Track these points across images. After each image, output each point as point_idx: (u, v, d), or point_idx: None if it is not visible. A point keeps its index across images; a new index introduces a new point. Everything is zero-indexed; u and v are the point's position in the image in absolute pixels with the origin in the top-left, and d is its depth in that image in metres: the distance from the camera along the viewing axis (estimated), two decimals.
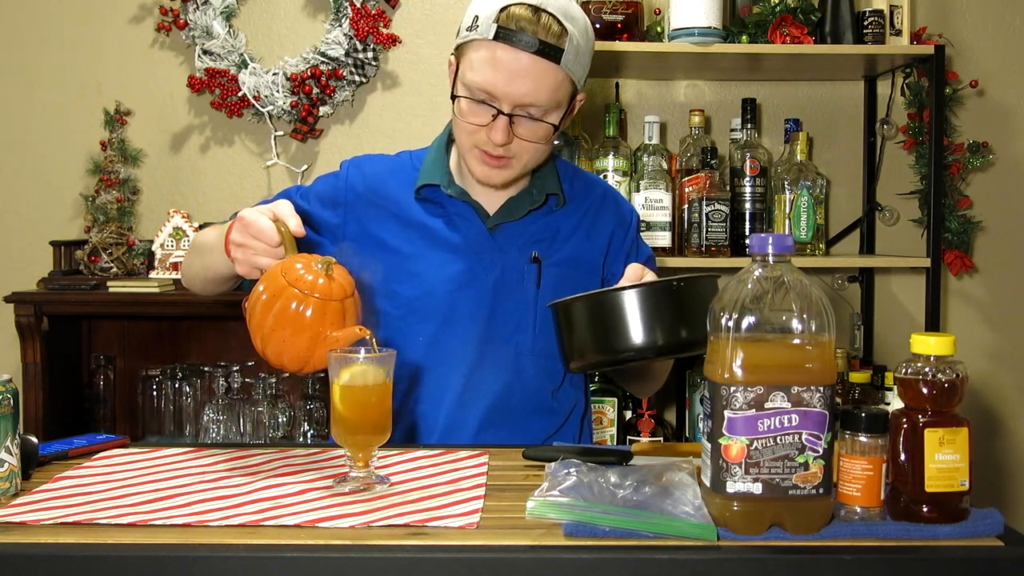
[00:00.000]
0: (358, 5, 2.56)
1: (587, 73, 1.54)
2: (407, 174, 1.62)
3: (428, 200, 1.60)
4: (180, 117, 2.68)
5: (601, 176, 2.38)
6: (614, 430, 2.28)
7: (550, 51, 1.43)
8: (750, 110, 2.46)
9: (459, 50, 1.51)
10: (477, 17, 1.46)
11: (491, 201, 1.61)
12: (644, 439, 2.26)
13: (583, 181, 1.71)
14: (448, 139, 1.64)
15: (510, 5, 1.43)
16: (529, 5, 1.43)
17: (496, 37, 1.42)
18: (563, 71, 1.45)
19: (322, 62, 2.57)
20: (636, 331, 1.27)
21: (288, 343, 1.25)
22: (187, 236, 2.48)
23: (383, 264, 1.58)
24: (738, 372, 1.02)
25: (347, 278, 1.29)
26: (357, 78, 2.60)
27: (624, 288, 1.31)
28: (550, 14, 1.43)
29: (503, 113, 1.46)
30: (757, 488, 1.02)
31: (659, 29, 2.41)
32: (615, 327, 1.28)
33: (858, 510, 1.08)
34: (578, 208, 1.66)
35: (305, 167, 2.66)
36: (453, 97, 1.52)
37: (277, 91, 2.56)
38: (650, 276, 1.41)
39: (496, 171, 1.53)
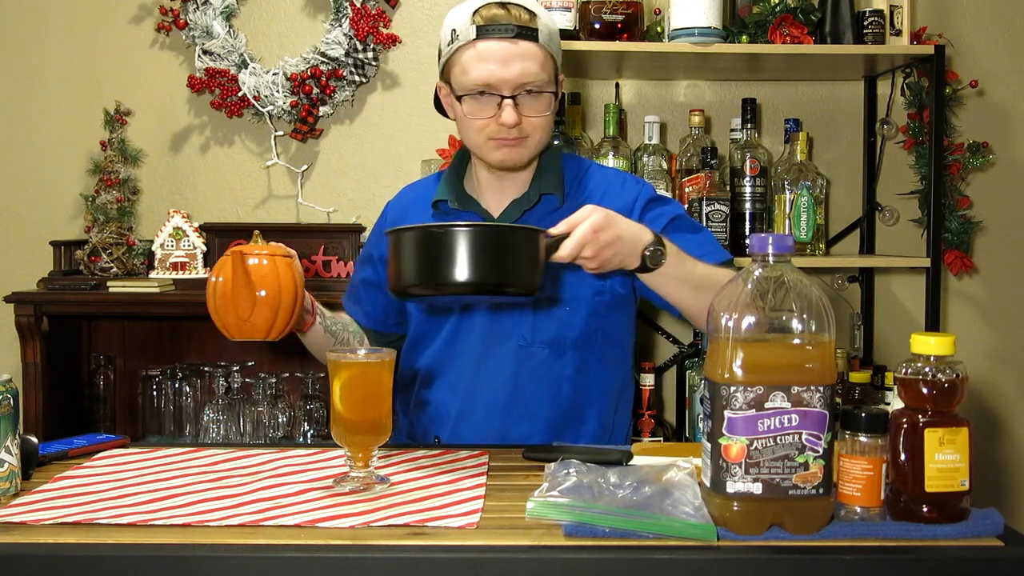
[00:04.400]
0: (358, 5, 2.56)
1: (561, 60, 1.69)
2: (426, 195, 1.77)
3: (443, 213, 1.73)
4: (180, 117, 2.68)
5: None
6: None
7: (527, 32, 1.59)
8: (750, 110, 2.46)
9: (446, 68, 1.66)
10: (454, 30, 1.62)
11: (498, 205, 1.72)
12: (644, 439, 2.26)
13: (591, 178, 1.77)
14: (460, 161, 1.79)
15: (479, 8, 1.59)
16: (496, 3, 1.60)
17: (478, 36, 1.58)
18: (543, 49, 1.61)
19: (322, 62, 2.56)
20: (440, 267, 1.31)
21: (230, 300, 1.39)
22: (187, 236, 2.48)
23: None
24: (738, 372, 1.02)
25: (280, 248, 1.43)
26: (357, 78, 2.60)
27: (432, 227, 1.36)
28: (516, 5, 1.60)
29: (506, 97, 1.59)
30: (757, 488, 1.02)
31: (659, 29, 2.41)
32: (414, 260, 1.34)
33: (858, 510, 1.08)
34: (590, 201, 1.68)
35: (305, 167, 2.66)
36: (439, 108, 1.72)
37: (277, 91, 2.56)
38: (583, 226, 1.41)
39: (515, 150, 1.64)
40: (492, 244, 1.31)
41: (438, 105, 1.76)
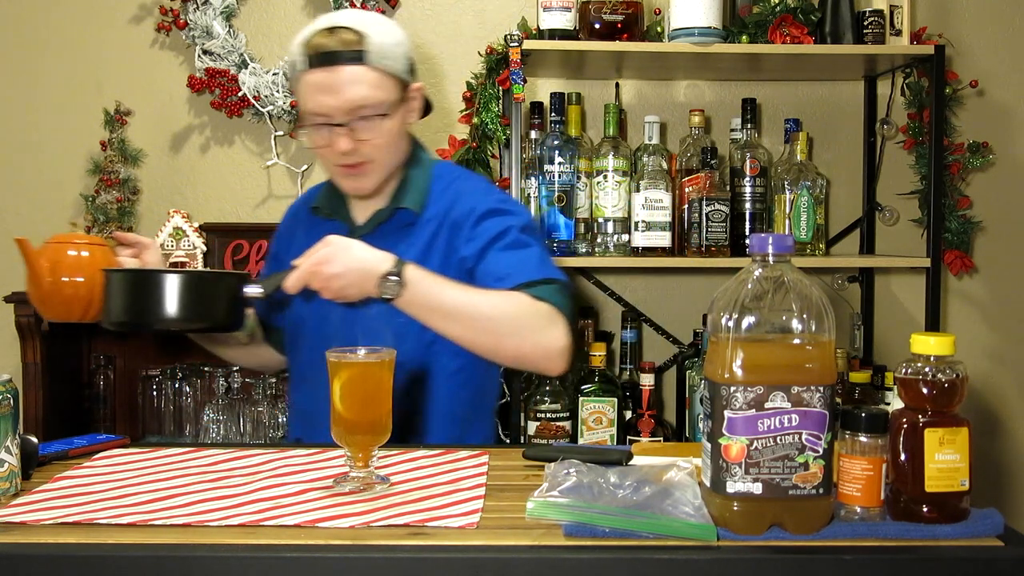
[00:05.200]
0: (358, 5, 2.56)
1: (407, 64, 1.66)
2: (306, 204, 1.83)
3: (314, 223, 1.78)
4: (180, 117, 2.68)
5: (601, 176, 2.39)
6: (614, 430, 2.28)
7: (351, 56, 1.58)
8: (750, 110, 2.46)
9: (295, 92, 1.67)
10: (292, 63, 1.63)
11: (363, 215, 1.74)
12: (644, 439, 2.26)
13: (451, 188, 1.73)
14: None
15: (309, 36, 1.61)
16: (324, 29, 1.60)
17: (308, 66, 1.60)
18: (373, 69, 1.59)
19: None
20: (132, 306, 1.48)
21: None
22: (187, 236, 2.48)
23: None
24: (738, 372, 1.02)
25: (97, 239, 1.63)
26: None
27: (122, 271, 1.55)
28: (343, 28, 1.60)
29: (337, 125, 1.60)
30: (757, 488, 1.02)
31: (659, 29, 2.41)
32: (118, 300, 1.49)
33: (858, 510, 1.08)
34: (437, 221, 1.70)
35: (305, 167, 2.66)
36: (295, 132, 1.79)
37: (277, 91, 2.56)
38: (308, 261, 1.50)
39: (359, 179, 1.66)
40: (190, 288, 1.45)
41: None
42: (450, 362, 1.67)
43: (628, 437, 2.29)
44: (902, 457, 1.07)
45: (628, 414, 2.33)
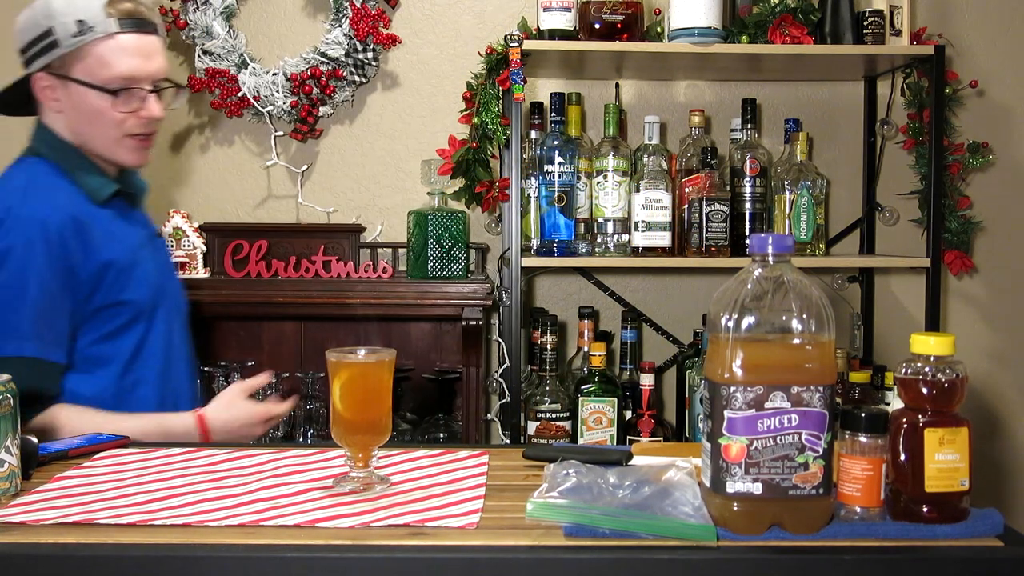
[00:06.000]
0: (358, 5, 2.56)
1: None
2: (80, 197, 1.65)
3: (109, 207, 1.69)
4: (180, 117, 2.68)
5: (601, 176, 2.39)
6: (614, 430, 2.28)
7: (155, 27, 1.68)
8: (750, 110, 2.46)
9: (64, 62, 1.60)
10: (82, 21, 1.58)
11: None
12: (644, 439, 2.26)
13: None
14: (77, 155, 1.68)
15: (111, 1, 1.61)
16: None
17: (120, 28, 1.60)
18: (164, 44, 1.71)
19: (322, 62, 2.56)
20: None
21: None
22: (187, 236, 2.48)
23: (114, 280, 1.65)
24: (738, 372, 1.02)
25: None
26: (357, 78, 2.60)
27: None
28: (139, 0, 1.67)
29: (150, 91, 1.65)
30: (757, 488, 1.02)
31: (659, 29, 2.41)
32: None
33: (858, 510, 1.08)
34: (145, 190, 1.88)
35: (305, 167, 2.66)
36: (32, 112, 1.71)
37: (277, 91, 2.56)
38: None
39: (147, 151, 1.72)
40: None
41: (12, 100, 1.72)
42: None
43: (628, 437, 2.29)
44: (902, 457, 1.06)
45: (628, 414, 2.33)
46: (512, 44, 2.25)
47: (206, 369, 2.49)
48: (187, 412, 1.66)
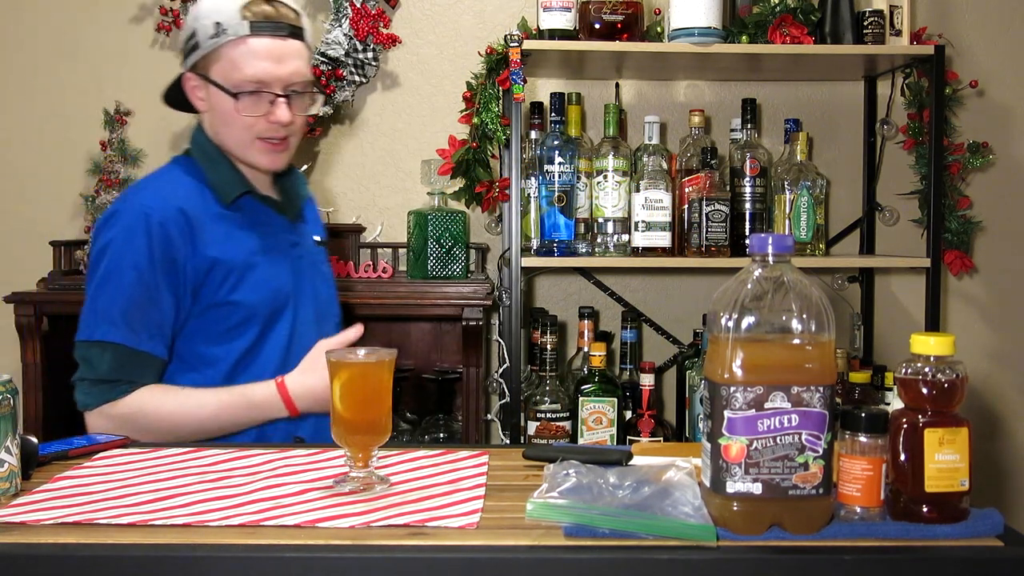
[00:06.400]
0: (358, 5, 2.56)
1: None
2: (206, 194, 1.66)
3: (239, 209, 1.69)
4: (180, 117, 2.66)
5: (601, 176, 2.39)
6: (614, 430, 2.28)
7: (297, 31, 1.64)
8: (750, 110, 2.46)
9: (205, 62, 1.63)
10: (219, 23, 1.59)
11: (273, 197, 1.76)
12: (644, 439, 2.26)
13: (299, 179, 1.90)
14: (218, 154, 1.70)
15: (247, 3, 1.59)
16: (264, 0, 1.61)
17: (252, 32, 1.58)
18: (307, 48, 1.67)
19: (322, 62, 2.56)
20: None
21: None
22: None
23: (223, 279, 1.63)
24: (738, 372, 1.02)
25: None
26: (357, 78, 2.60)
27: None
28: (281, 2, 1.64)
29: (280, 95, 1.61)
30: (757, 488, 1.02)
31: (659, 29, 2.41)
32: None
33: (858, 510, 1.08)
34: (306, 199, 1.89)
35: (305, 167, 2.66)
36: (177, 106, 1.74)
37: None
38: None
39: (280, 155, 1.68)
40: None
41: (173, 98, 1.75)
42: None
43: (628, 437, 2.29)
44: (902, 457, 1.06)
45: (628, 414, 2.33)
46: (512, 44, 2.25)
47: None
48: (269, 380, 1.60)
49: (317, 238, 1.84)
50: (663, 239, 2.34)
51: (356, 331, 1.64)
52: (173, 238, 1.58)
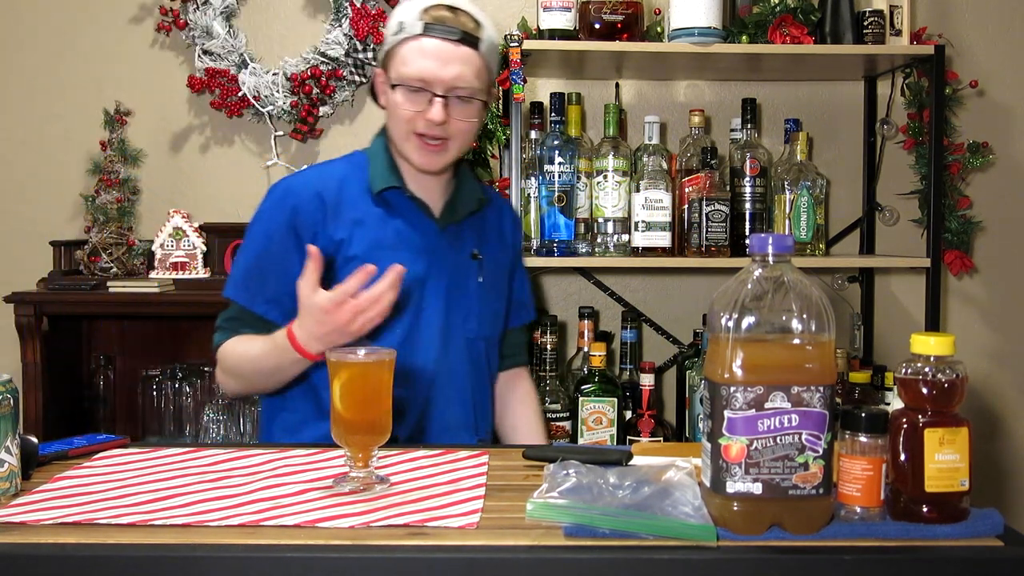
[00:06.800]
0: (358, 5, 2.56)
1: (497, 72, 1.79)
2: (356, 181, 1.75)
3: (384, 203, 1.74)
4: (180, 117, 2.68)
5: (601, 176, 2.39)
6: (614, 430, 2.28)
7: (470, 39, 1.66)
8: (750, 110, 2.46)
9: (387, 57, 1.71)
10: (402, 22, 1.67)
11: (434, 203, 1.77)
12: (644, 439, 2.26)
13: (488, 190, 1.93)
14: (385, 149, 1.78)
15: (430, 7, 1.66)
16: (447, 6, 1.67)
17: (424, 31, 1.64)
18: (482, 58, 1.68)
19: (322, 62, 2.56)
20: None
21: None
22: (187, 236, 2.48)
23: (344, 264, 1.69)
24: (738, 372, 1.02)
25: None
26: (357, 78, 2.60)
27: None
28: (465, 12, 1.68)
29: (437, 95, 1.64)
30: (757, 488, 1.02)
31: (659, 29, 2.41)
32: None
33: (858, 510, 1.08)
34: (492, 211, 1.88)
35: (305, 167, 2.66)
36: (374, 96, 1.75)
37: (277, 91, 2.56)
38: None
39: (434, 156, 1.70)
40: None
41: (373, 93, 1.81)
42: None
43: (628, 437, 2.29)
44: (902, 457, 1.07)
45: (628, 414, 2.33)
46: (512, 44, 2.25)
47: (206, 370, 2.50)
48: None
49: (475, 252, 1.79)
50: (663, 239, 2.34)
51: (358, 279, 1.48)
52: (303, 214, 1.70)
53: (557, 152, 2.34)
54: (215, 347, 1.72)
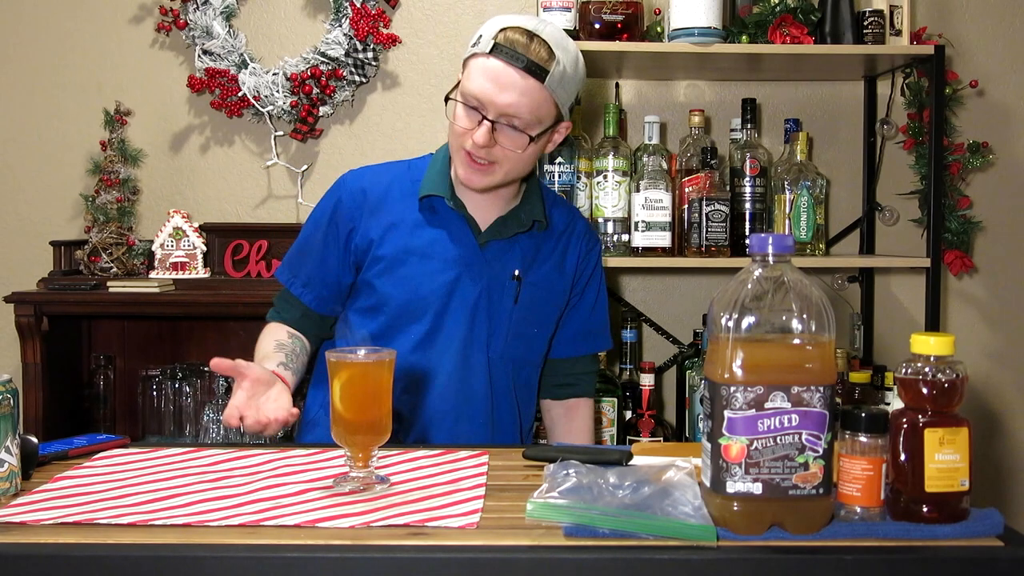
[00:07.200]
0: (358, 5, 2.56)
1: (572, 101, 1.69)
2: (407, 184, 1.76)
3: (429, 209, 1.73)
4: (180, 117, 2.68)
5: (601, 176, 2.39)
6: (614, 430, 2.28)
7: (536, 70, 1.58)
8: (750, 110, 2.46)
9: (464, 64, 1.67)
10: (481, 36, 1.63)
11: (484, 217, 1.74)
12: (644, 439, 2.26)
13: (562, 210, 1.85)
14: (445, 159, 1.77)
15: (508, 27, 1.60)
16: (525, 30, 1.59)
17: (491, 51, 1.59)
18: (546, 91, 1.60)
19: (322, 62, 2.56)
20: None
21: None
22: (187, 236, 2.48)
23: (373, 262, 1.73)
24: (738, 372, 1.02)
25: None
26: (357, 78, 2.60)
27: None
28: (542, 40, 1.59)
29: (487, 119, 1.60)
30: (757, 488, 1.02)
31: (659, 29, 2.41)
32: None
33: (858, 510, 1.08)
34: (555, 236, 1.81)
35: (305, 167, 2.66)
36: (447, 100, 1.67)
37: (277, 91, 2.56)
38: None
39: (479, 175, 1.66)
40: None
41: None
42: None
43: (628, 437, 2.29)
44: (902, 457, 1.07)
45: (628, 414, 2.33)
46: None
47: (206, 369, 2.50)
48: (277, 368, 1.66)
49: (516, 273, 1.74)
50: (663, 239, 2.34)
51: (250, 382, 1.54)
52: (344, 207, 1.75)
53: (557, 152, 2.34)
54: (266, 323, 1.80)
